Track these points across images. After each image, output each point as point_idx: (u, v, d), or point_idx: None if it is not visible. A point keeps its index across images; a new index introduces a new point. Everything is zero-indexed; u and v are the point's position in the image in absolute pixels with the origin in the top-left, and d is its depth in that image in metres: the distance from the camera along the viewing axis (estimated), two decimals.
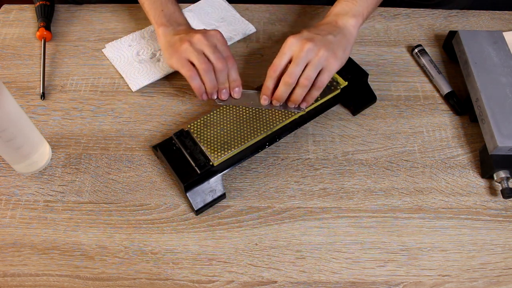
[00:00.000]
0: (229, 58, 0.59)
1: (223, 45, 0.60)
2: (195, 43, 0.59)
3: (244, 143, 0.56)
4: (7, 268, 0.53)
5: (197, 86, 0.59)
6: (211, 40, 0.59)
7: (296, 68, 0.55)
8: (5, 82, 0.69)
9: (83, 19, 0.77)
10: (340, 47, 0.57)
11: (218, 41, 0.60)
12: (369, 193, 0.58)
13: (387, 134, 0.64)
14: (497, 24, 0.77)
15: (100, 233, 0.55)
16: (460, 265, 0.53)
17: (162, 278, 0.52)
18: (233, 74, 0.59)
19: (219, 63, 0.58)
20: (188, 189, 0.55)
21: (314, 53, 0.55)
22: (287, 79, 0.56)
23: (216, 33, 0.60)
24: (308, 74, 0.56)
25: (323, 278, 0.52)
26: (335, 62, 0.56)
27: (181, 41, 0.60)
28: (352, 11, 0.60)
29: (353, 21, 0.60)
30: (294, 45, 0.56)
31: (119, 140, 0.63)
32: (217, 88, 0.60)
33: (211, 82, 0.59)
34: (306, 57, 0.55)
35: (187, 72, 0.59)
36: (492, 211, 0.57)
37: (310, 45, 0.55)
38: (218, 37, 0.60)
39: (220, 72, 0.58)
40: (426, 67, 0.70)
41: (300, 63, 0.55)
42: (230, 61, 0.59)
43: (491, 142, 0.58)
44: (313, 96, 0.58)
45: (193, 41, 0.59)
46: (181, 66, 0.59)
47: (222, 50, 0.59)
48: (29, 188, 0.59)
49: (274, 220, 0.56)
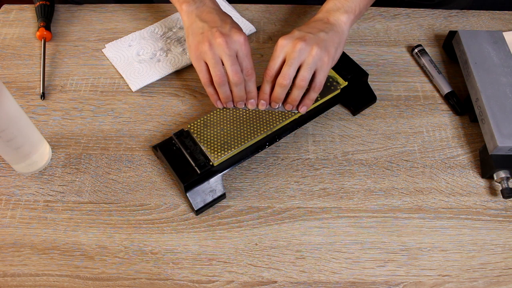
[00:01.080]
0: (248, 69, 0.56)
1: (245, 55, 0.56)
2: (215, 48, 0.55)
3: (244, 143, 0.56)
4: (7, 268, 0.53)
5: (210, 94, 0.58)
6: (232, 47, 0.55)
7: (290, 69, 0.55)
8: (5, 82, 0.69)
9: (83, 19, 0.77)
10: (332, 44, 0.57)
11: (240, 49, 0.55)
12: (369, 193, 0.58)
13: (387, 134, 0.64)
14: (497, 24, 0.77)
15: (100, 233, 0.55)
16: (460, 265, 0.53)
17: (162, 278, 0.52)
18: (250, 86, 0.57)
19: (235, 77, 0.55)
20: (188, 189, 0.55)
21: (307, 52, 0.54)
22: (281, 81, 0.55)
23: (240, 39, 0.55)
24: (304, 75, 0.55)
25: (323, 278, 0.52)
26: (328, 60, 0.56)
27: (202, 37, 0.56)
28: (343, 8, 0.60)
29: (345, 18, 0.59)
30: (286, 46, 0.55)
31: (119, 140, 0.63)
32: (231, 98, 0.58)
33: (225, 94, 0.57)
34: (299, 57, 0.54)
35: (202, 78, 0.58)
36: (492, 211, 0.57)
37: (302, 45, 0.54)
38: (241, 44, 0.55)
39: (236, 86, 0.56)
40: (426, 67, 0.70)
41: (293, 64, 0.55)
42: (248, 73, 0.56)
43: (491, 142, 0.58)
44: (311, 98, 0.58)
45: (213, 45, 0.55)
46: (198, 70, 0.58)
47: (242, 60, 0.56)
48: (29, 188, 0.59)
49: (274, 220, 0.56)
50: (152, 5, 0.79)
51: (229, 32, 0.55)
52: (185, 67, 0.70)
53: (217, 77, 0.56)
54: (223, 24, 0.56)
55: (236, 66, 0.55)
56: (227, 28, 0.56)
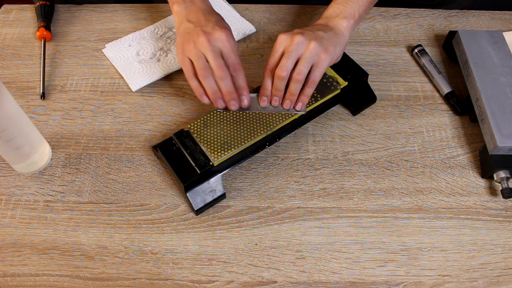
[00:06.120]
0: (234, 65, 0.56)
1: (229, 51, 0.56)
2: (199, 46, 0.56)
3: (244, 143, 0.56)
4: (7, 268, 0.53)
5: (193, 86, 0.58)
6: (215, 45, 0.55)
7: (288, 61, 0.55)
8: (5, 82, 0.69)
9: (83, 19, 0.77)
10: (330, 43, 0.57)
11: (224, 46, 0.56)
12: (369, 193, 0.58)
13: (387, 134, 0.64)
14: (497, 24, 0.77)
15: (100, 233, 0.55)
16: (460, 265, 0.53)
17: (162, 278, 0.52)
18: (239, 81, 0.57)
19: (219, 71, 0.55)
20: (188, 189, 0.55)
21: (305, 45, 0.55)
22: (279, 73, 0.56)
23: (222, 37, 0.56)
24: (300, 68, 0.55)
25: (323, 278, 0.52)
26: (326, 57, 0.56)
27: (188, 37, 0.57)
28: (343, 13, 0.60)
29: (344, 23, 0.60)
30: (284, 40, 0.56)
31: (119, 140, 0.63)
32: (219, 94, 0.57)
33: (211, 87, 0.57)
34: (296, 50, 0.55)
35: (185, 71, 0.58)
36: (492, 211, 0.57)
37: (300, 38, 0.55)
38: (223, 41, 0.56)
39: (221, 80, 0.56)
40: (426, 67, 0.70)
41: (290, 56, 0.55)
42: (235, 68, 0.56)
43: (491, 142, 0.58)
44: (307, 95, 0.58)
45: (196, 43, 0.56)
46: (182, 65, 0.59)
47: (227, 57, 0.56)
48: (29, 188, 0.59)
49: (274, 220, 0.56)
50: (152, 5, 0.79)
51: (211, 30, 0.56)
52: None
53: (200, 69, 0.56)
54: (206, 23, 0.58)
55: (219, 60, 0.55)
56: (210, 26, 0.57)
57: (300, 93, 0.58)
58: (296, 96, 0.58)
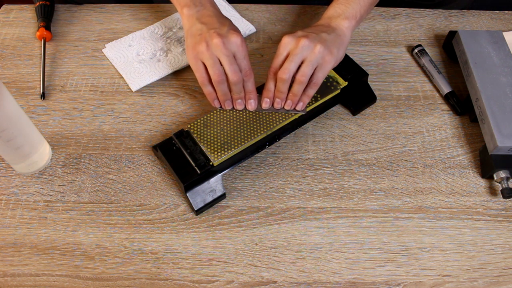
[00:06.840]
0: (247, 70, 0.57)
1: (242, 55, 0.56)
2: (213, 48, 0.55)
3: (244, 143, 0.56)
4: (7, 268, 0.53)
5: (208, 93, 0.58)
6: (230, 48, 0.55)
7: (291, 64, 0.55)
8: (5, 82, 0.69)
9: (83, 19, 0.77)
10: (334, 45, 0.57)
11: (238, 51, 0.56)
12: (369, 193, 0.58)
13: (387, 134, 0.64)
14: (497, 24, 0.77)
15: (100, 233, 0.55)
16: (460, 265, 0.53)
17: (162, 278, 0.52)
18: (249, 85, 0.58)
19: (234, 77, 0.55)
20: (188, 189, 0.55)
21: (310, 49, 0.55)
22: (282, 75, 0.56)
23: (237, 40, 0.55)
24: (304, 70, 0.55)
25: (323, 278, 0.52)
26: (330, 59, 0.56)
27: (200, 37, 0.56)
28: (344, 14, 0.61)
29: (346, 23, 0.60)
30: (289, 43, 0.56)
31: (119, 140, 0.63)
32: (230, 97, 0.58)
33: (223, 92, 0.57)
34: (301, 53, 0.55)
35: (199, 77, 0.58)
36: (492, 211, 0.57)
37: (306, 41, 0.55)
38: (238, 45, 0.55)
39: (235, 85, 0.56)
40: (426, 67, 0.70)
41: (294, 59, 0.55)
42: (247, 73, 0.57)
43: (491, 142, 0.58)
44: (308, 95, 0.58)
45: (210, 45, 0.55)
46: (194, 69, 0.58)
47: (240, 62, 0.56)
48: (29, 188, 0.59)
49: (274, 220, 0.56)
50: (152, 5, 0.79)
51: (226, 33, 0.56)
52: (185, 67, 0.70)
53: (216, 75, 0.56)
54: (221, 26, 0.57)
55: (235, 66, 0.55)
56: (225, 30, 0.56)
57: (302, 94, 0.58)
58: (298, 97, 0.58)
